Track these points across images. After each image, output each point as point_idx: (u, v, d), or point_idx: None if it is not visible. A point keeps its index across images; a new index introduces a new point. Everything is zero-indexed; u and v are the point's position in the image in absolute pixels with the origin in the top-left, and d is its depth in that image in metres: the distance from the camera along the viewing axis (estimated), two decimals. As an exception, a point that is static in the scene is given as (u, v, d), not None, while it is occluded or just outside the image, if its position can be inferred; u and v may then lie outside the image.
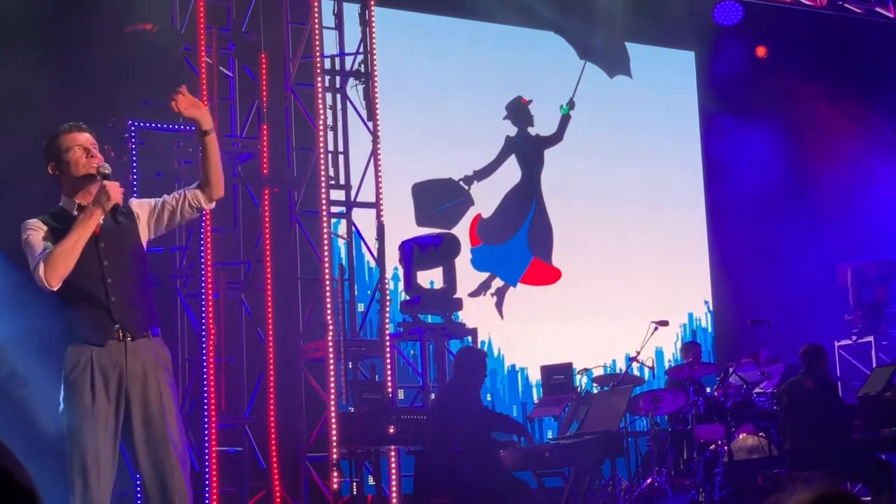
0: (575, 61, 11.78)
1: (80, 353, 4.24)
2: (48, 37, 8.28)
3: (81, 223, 4.21)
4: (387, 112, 9.44)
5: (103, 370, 4.23)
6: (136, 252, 4.41)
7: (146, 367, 4.29)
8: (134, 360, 4.26)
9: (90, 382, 4.21)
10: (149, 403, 4.26)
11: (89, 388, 4.20)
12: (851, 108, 12.70)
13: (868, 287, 11.14)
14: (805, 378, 7.98)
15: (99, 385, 4.21)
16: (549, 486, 8.35)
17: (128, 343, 4.26)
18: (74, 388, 4.22)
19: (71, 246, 4.19)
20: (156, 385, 4.28)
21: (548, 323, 11.13)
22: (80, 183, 4.35)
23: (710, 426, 9.00)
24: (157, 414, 4.26)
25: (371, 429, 7.75)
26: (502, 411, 10.84)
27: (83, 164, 4.32)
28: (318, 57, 8.91)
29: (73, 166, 4.33)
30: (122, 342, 4.26)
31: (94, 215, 4.23)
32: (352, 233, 9.24)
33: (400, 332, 9.11)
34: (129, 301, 4.31)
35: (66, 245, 4.19)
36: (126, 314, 4.28)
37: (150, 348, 4.33)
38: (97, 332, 4.26)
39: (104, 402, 4.21)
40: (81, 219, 4.23)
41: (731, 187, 12.22)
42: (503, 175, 11.35)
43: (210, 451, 7.86)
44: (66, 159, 4.35)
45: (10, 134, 7.62)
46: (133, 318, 4.30)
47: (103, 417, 4.20)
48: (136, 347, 4.28)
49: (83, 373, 4.22)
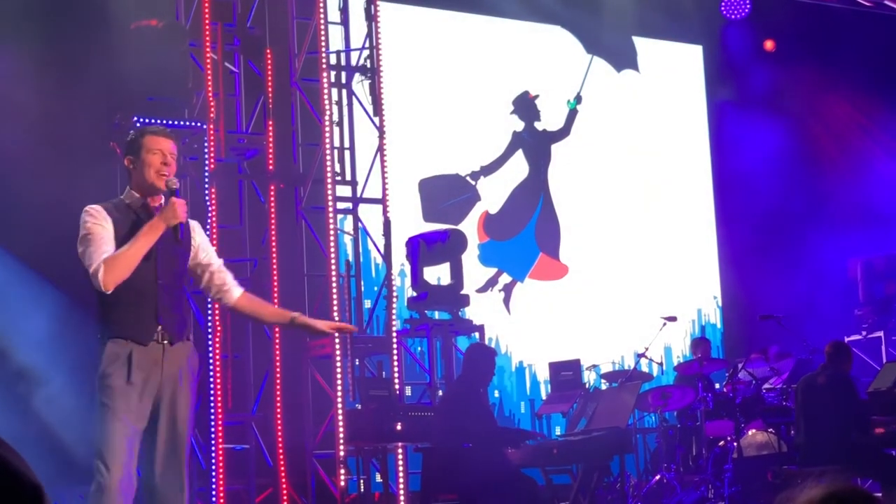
0: (582, 56, 11.74)
1: (120, 350, 4.35)
2: (53, 33, 8.26)
3: (146, 234, 4.36)
4: (393, 107, 9.41)
5: (141, 367, 4.35)
6: (183, 266, 4.58)
7: (180, 372, 4.44)
8: (170, 363, 4.40)
9: (127, 375, 4.32)
10: (177, 407, 4.42)
11: (125, 380, 4.32)
12: (860, 102, 12.64)
13: (878, 282, 11.09)
14: (819, 374, 7.94)
15: (137, 378, 4.33)
16: (557, 483, 8.31)
17: (166, 346, 4.40)
18: (112, 379, 4.32)
19: (132, 255, 4.33)
20: (186, 390, 4.45)
21: (556, 319, 11.09)
22: (148, 187, 4.49)
23: (720, 422, 8.97)
24: (181, 417, 4.42)
25: (378, 426, 7.72)
26: (510, 409, 10.81)
27: (155, 171, 4.46)
28: (323, 52, 8.87)
29: (146, 169, 4.47)
30: (160, 345, 4.40)
31: (158, 229, 4.39)
32: (358, 229, 9.21)
33: (407, 328, 9.07)
34: (174, 308, 4.47)
35: (127, 253, 4.33)
36: (169, 319, 4.43)
37: (186, 354, 4.49)
38: (141, 331, 4.38)
39: (136, 397, 4.33)
40: (146, 230, 4.37)
41: (739, 182, 12.17)
42: (510, 170, 11.31)
43: (216, 449, 7.83)
44: (144, 159, 4.48)
45: (14, 132, 7.60)
46: (174, 324, 4.45)
47: (135, 410, 4.33)
48: (174, 352, 4.43)
49: (122, 367, 4.33)
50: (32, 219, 7.68)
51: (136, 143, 4.52)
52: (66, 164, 7.95)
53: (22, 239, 7.66)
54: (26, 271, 7.61)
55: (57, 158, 8.03)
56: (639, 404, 8.78)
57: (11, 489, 1.39)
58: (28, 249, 7.68)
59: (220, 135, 8.55)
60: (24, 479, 1.42)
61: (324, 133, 8.81)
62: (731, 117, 12.36)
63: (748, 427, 8.73)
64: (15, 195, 7.82)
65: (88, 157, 7.96)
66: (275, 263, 8.80)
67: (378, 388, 8.04)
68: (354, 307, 9.08)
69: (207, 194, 8.18)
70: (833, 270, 11.47)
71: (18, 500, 1.39)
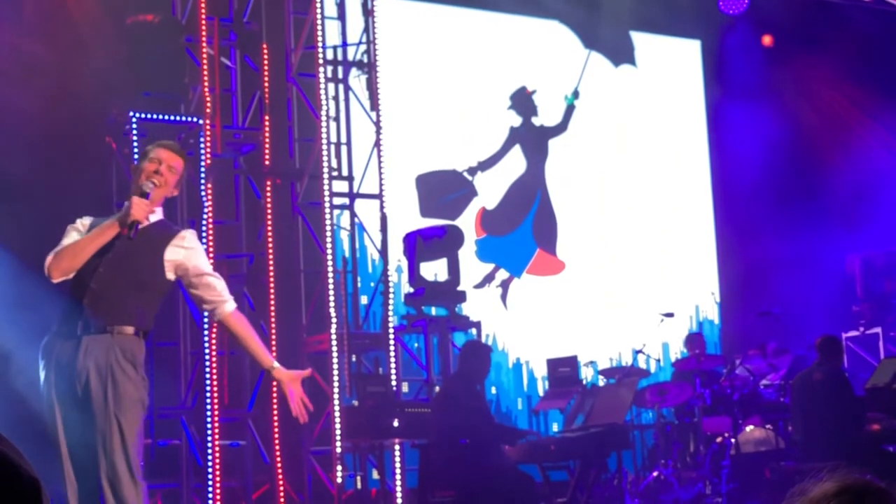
0: (579, 51, 11.71)
1: (49, 342, 4.43)
2: (49, 28, 8.22)
3: (97, 232, 4.43)
4: (390, 103, 9.38)
5: (60, 359, 4.38)
6: (142, 264, 4.50)
7: (96, 363, 4.36)
8: (86, 355, 4.35)
9: (46, 366, 4.39)
10: (92, 401, 4.35)
11: (47, 372, 4.39)
12: (859, 97, 12.62)
13: (876, 278, 11.09)
14: (815, 369, 7.93)
15: (52, 371, 4.38)
16: (554, 480, 8.29)
17: (83, 339, 4.36)
18: (40, 371, 4.42)
19: (79, 248, 4.40)
20: (102, 382, 4.35)
21: (553, 315, 11.07)
22: (132, 190, 4.56)
23: (717, 418, 8.96)
24: (98, 410, 4.34)
25: (375, 422, 7.70)
26: (507, 405, 10.79)
27: (145, 177, 4.52)
28: (320, 47, 8.84)
29: (139, 175, 4.57)
30: (77, 338, 4.37)
31: (111, 228, 4.43)
32: (355, 224, 9.19)
33: (404, 324, 9.06)
34: (109, 300, 4.41)
35: (74, 246, 4.41)
36: (95, 311, 4.39)
37: (107, 346, 4.38)
38: (64, 324, 4.44)
39: (52, 389, 4.38)
40: (98, 229, 4.44)
41: (737, 177, 12.15)
42: (507, 166, 11.28)
43: (213, 445, 7.81)
44: (140, 165, 4.62)
45: (10, 130, 7.57)
46: (99, 316, 4.39)
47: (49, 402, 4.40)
48: (94, 342, 4.36)
49: (47, 358, 4.41)
50: (29, 216, 7.65)
51: (144, 153, 4.65)
52: (63, 162, 7.92)
53: (17, 236, 7.62)
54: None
55: (53, 155, 8.00)
56: (636, 400, 8.77)
57: (10, 484, 1.39)
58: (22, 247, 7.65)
59: (217, 130, 8.53)
60: (23, 473, 1.41)
61: (320, 128, 8.79)
62: (728, 112, 12.34)
63: (746, 423, 8.72)
64: (12, 201, 7.78)
65: (84, 155, 7.94)
66: (271, 259, 8.78)
67: (375, 384, 8.02)
68: (351, 303, 9.06)
69: (204, 190, 8.16)
70: (831, 266, 11.46)
71: (17, 494, 1.39)
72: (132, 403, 4.37)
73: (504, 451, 7.69)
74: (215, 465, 7.79)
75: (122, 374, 4.36)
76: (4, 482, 1.38)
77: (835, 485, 1.72)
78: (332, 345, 8.35)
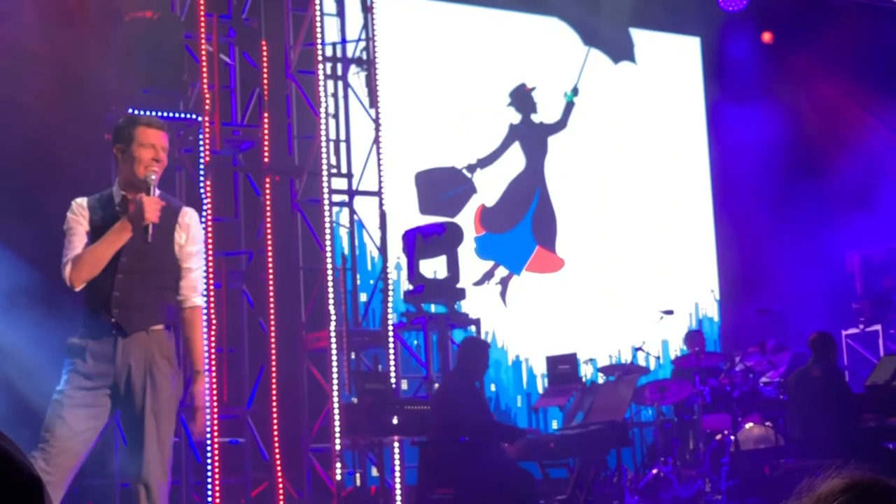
0: (579, 47, 11.70)
1: (77, 343, 4.38)
2: (47, 25, 8.20)
3: (112, 235, 4.36)
4: (389, 99, 9.37)
5: (96, 360, 4.35)
6: (158, 258, 4.46)
7: (136, 362, 4.36)
8: (124, 354, 4.35)
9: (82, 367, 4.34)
10: (134, 396, 4.35)
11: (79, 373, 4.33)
12: (858, 94, 12.60)
13: (876, 275, 11.08)
14: (812, 366, 7.93)
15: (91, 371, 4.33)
16: (554, 477, 8.29)
17: (118, 339, 4.35)
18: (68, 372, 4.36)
19: (98, 255, 4.35)
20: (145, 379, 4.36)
21: (552, 312, 11.06)
22: (134, 181, 4.43)
23: (717, 416, 8.95)
24: (145, 406, 4.35)
25: (374, 419, 7.70)
26: (506, 403, 10.79)
27: (145, 167, 4.39)
28: (319, 44, 8.83)
29: (135, 163, 4.41)
30: (112, 337, 4.36)
31: (125, 231, 4.37)
32: (354, 222, 9.18)
33: (403, 321, 9.05)
34: (135, 299, 4.40)
35: (94, 253, 4.35)
36: (125, 311, 4.37)
37: (144, 344, 4.40)
38: (95, 325, 4.39)
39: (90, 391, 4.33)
40: (113, 233, 4.36)
41: (737, 174, 12.14)
42: (507, 163, 11.27)
43: (212, 443, 7.80)
44: (134, 152, 4.41)
45: (9, 127, 7.55)
46: (132, 315, 4.38)
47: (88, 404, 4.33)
48: (131, 343, 4.37)
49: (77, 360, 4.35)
50: (28, 213, 7.64)
51: (127, 134, 4.43)
52: (62, 159, 7.90)
53: (10, 230, 7.61)
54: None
55: (52, 152, 7.98)
56: (636, 398, 8.77)
57: (12, 482, 1.39)
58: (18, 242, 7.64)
59: (216, 127, 8.52)
60: (25, 471, 1.41)
61: (319, 125, 8.78)
62: (728, 109, 12.33)
63: (745, 420, 8.72)
64: (10, 189, 7.77)
65: (83, 151, 7.92)
66: (270, 256, 8.77)
67: (374, 381, 8.01)
68: (350, 300, 9.05)
69: (203, 187, 8.14)
70: (831, 263, 11.45)
71: (19, 492, 1.39)
72: (169, 399, 4.40)
73: (503, 448, 7.69)
74: (214, 462, 7.78)
75: (159, 371, 4.38)
76: (7, 479, 1.39)
77: (843, 481, 1.71)
78: (332, 342, 8.34)
